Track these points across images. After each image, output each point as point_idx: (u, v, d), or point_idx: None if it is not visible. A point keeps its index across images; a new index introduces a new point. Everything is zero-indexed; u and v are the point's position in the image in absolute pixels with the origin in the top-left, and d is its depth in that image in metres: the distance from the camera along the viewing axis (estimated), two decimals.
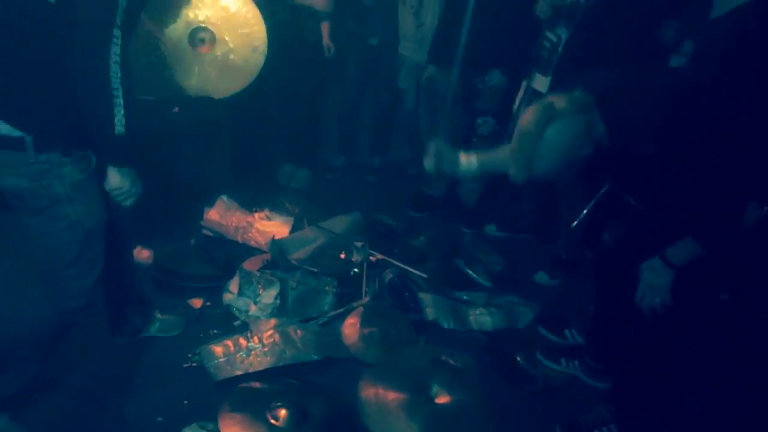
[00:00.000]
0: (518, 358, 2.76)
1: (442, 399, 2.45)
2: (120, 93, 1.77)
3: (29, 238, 1.95)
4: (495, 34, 3.37)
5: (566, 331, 2.95)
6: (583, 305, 2.95)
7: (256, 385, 2.42)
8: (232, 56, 3.10)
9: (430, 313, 2.95)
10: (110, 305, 2.50)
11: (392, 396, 2.42)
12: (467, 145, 3.82)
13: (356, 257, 3.23)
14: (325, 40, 3.82)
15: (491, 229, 3.87)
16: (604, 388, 2.63)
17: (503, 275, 3.37)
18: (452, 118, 3.78)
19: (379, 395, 2.42)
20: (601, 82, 1.95)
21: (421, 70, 3.92)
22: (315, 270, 3.08)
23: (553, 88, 3.10)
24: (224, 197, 3.61)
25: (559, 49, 3.03)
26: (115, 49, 1.73)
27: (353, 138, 4.55)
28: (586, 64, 2.70)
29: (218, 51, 3.06)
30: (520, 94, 3.55)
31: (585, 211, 2.56)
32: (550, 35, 3.10)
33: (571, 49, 2.95)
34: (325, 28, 3.81)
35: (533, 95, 3.32)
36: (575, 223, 2.66)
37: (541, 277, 3.42)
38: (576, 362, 2.70)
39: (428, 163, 2.32)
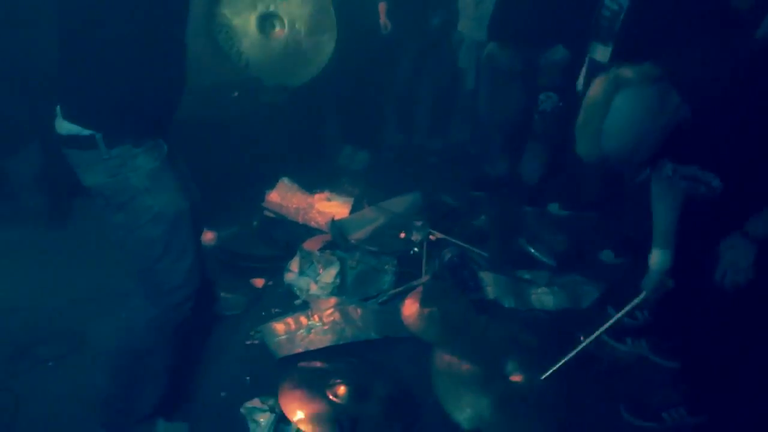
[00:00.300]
0: (582, 338, 2.68)
1: (517, 377, 2.42)
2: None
3: (121, 240, 1.93)
4: (555, 7, 3.27)
5: (637, 312, 2.84)
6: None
7: (317, 363, 2.45)
8: (304, 43, 3.07)
9: (490, 291, 2.91)
10: None
11: (466, 368, 2.40)
12: (529, 123, 3.75)
13: (416, 236, 3.21)
14: (382, 18, 3.79)
15: (554, 208, 3.77)
16: (672, 367, 2.52)
17: (567, 254, 3.27)
18: (514, 95, 3.70)
19: (453, 365, 2.41)
20: (672, 55, 1.83)
21: (481, 49, 3.83)
22: (374, 249, 3.08)
23: (614, 58, 2.99)
24: (285, 179, 3.66)
25: (621, 16, 2.91)
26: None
27: (413, 119, 4.51)
28: (651, 32, 2.60)
29: (290, 38, 3.04)
30: (584, 69, 3.45)
31: None
32: (609, 3, 2.99)
33: (634, 17, 2.81)
34: (382, 7, 3.78)
35: (595, 67, 3.22)
36: None
37: (608, 256, 3.30)
38: (642, 341, 2.60)
39: None
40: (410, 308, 2.77)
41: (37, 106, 3.09)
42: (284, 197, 3.55)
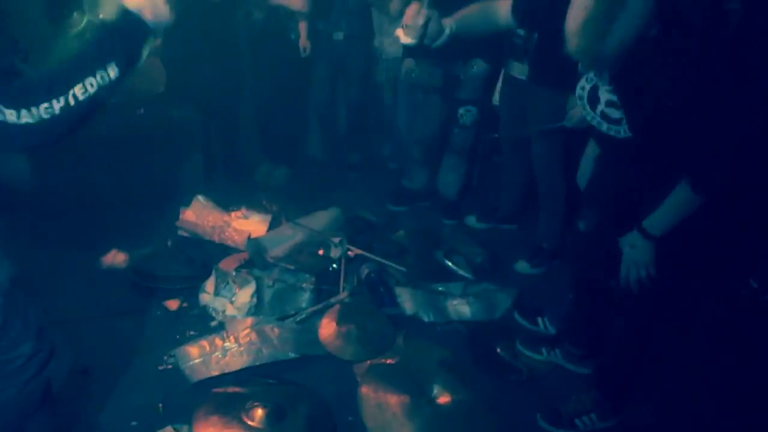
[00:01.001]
0: (498, 350, 2.75)
1: (444, 398, 2.45)
2: None
3: None
4: None
5: (539, 319, 2.93)
6: (559, 293, 2.93)
7: (233, 387, 2.40)
8: None
9: (409, 307, 2.93)
10: None
11: (393, 399, 2.40)
12: (448, 137, 3.81)
13: (334, 253, 3.20)
14: (302, 41, 3.80)
15: (471, 221, 3.85)
16: (584, 373, 2.62)
17: (484, 266, 3.35)
18: (433, 109, 3.76)
19: (380, 397, 2.41)
20: None
21: (398, 64, 3.88)
22: (292, 267, 3.05)
23: (531, 74, 3.12)
24: (200, 197, 3.57)
25: (534, 40, 3.02)
26: None
27: (332, 133, 4.52)
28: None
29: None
30: (500, 83, 3.55)
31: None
32: (519, 31, 3.09)
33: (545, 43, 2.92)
34: (302, 28, 3.79)
35: (512, 83, 3.34)
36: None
37: (522, 267, 3.40)
38: (557, 350, 2.68)
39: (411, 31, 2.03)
40: (327, 326, 2.76)
41: None
42: (200, 215, 3.47)
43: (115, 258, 3.18)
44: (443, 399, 2.44)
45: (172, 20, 1.59)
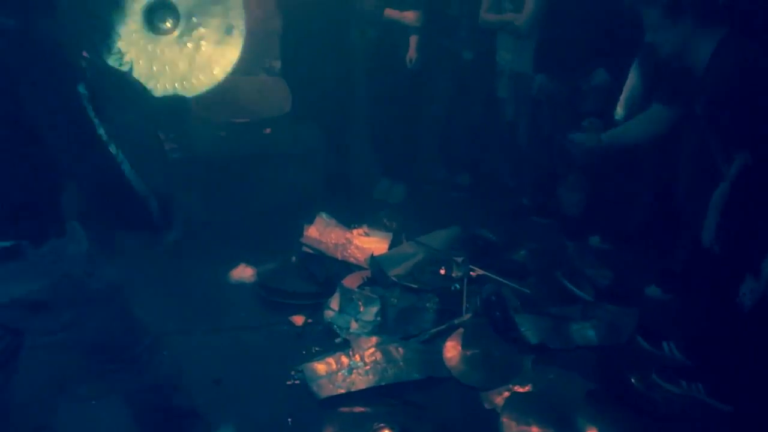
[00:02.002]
0: (633, 380, 2.59)
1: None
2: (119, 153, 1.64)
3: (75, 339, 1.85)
4: (598, 33, 3.28)
5: (664, 343, 2.75)
6: (681, 314, 2.74)
7: (358, 407, 2.42)
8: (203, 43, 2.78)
9: (532, 336, 2.81)
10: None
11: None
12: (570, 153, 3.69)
13: (456, 273, 3.16)
14: (410, 53, 3.79)
15: (595, 241, 3.68)
16: (727, 410, 2.42)
17: (612, 289, 3.19)
18: (558, 124, 3.66)
19: (522, 428, 2.33)
20: None
21: (521, 79, 3.80)
22: (415, 286, 3.05)
23: None
24: (323, 214, 3.65)
25: None
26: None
27: (449, 151, 4.49)
28: None
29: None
30: (623, 96, 3.40)
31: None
32: None
33: None
34: (413, 41, 3.79)
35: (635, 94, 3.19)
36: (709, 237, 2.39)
37: (654, 292, 3.21)
38: (699, 384, 2.49)
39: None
40: (452, 349, 2.72)
41: None
42: (323, 233, 3.54)
43: (243, 272, 3.30)
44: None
45: None
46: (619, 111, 3.48)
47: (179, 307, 2.95)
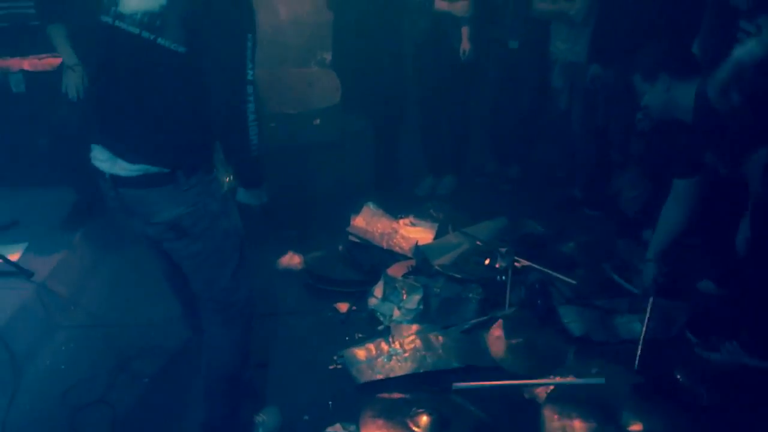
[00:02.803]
0: (678, 376, 2.52)
1: (636, 427, 2.28)
2: (255, 122, 1.84)
3: (196, 267, 2.05)
4: (655, 22, 3.24)
5: (713, 338, 2.66)
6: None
7: (397, 393, 2.44)
8: None
9: (577, 328, 2.77)
10: None
11: (578, 425, 2.28)
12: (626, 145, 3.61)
13: (500, 263, 3.14)
14: (464, 44, 3.77)
15: (648, 235, 3.56)
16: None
17: (663, 284, 3.10)
18: (615, 114, 3.59)
19: (564, 421, 2.29)
20: None
21: (575, 69, 3.74)
22: (458, 276, 3.05)
23: None
24: (370, 204, 3.69)
25: None
26: (250, 89, 1.80)
27: (499, 143, 4.46)
28: None
29: None
30: None
31: None
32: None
33: None
34: (464, 32, 3.78)
35: None
36: None
37: (707, 286, 3.10)
38: (734, 342, 2.42)
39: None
40: (496, 338, 2.72)
41: None
42: (369, 222, 3.58)
43: (291, 260, 3.38)
44: (635, 427, 2.27)
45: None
46: None
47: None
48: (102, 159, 1.88)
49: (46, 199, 3.54)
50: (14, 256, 2.98)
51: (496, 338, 2.72)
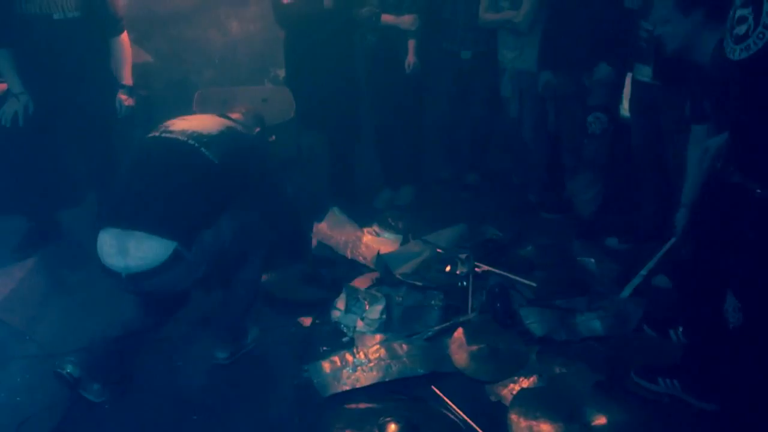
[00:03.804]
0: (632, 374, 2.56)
1: (599, 420, 2.32)
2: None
3: None
4: (598, 29, 3.34)
5: (671, 331, 2.73)
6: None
7: (365, 402, 2.43)
8: None
9: (538, 329, 2.81)
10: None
11: (546, 427, 2.31)
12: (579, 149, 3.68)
13: (461, 270, 3.17)
14: (409, 57, 3.82)
15: (613, 242, 3.62)
16: (710, 409, 2.34)
17: (619, 282, 3.18)
18: (567, 118, 3.69)
19: (531, 424, 2.32)
20: None
21: (524, 76, 3.81)
22: (420, 284, 3.06)
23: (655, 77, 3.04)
24: (335, 209, 3.71)
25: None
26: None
27: (454, 152, 4.52)
28: None
29: None
30: (627, 91, 3.41)
31: None
32: (645, 24, 3.00)
33: None
34: (411, 45, 3.83)
35: (639, 88, 3.25)
36: None
37: (661, 281, 3.17)
38: (675, 381, 2.41)
39: None
40: (458, 344, 2.73)
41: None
42: (333, 228, 3.58)
43: None
44: (599, 421, 2.31)
45: None
46: (626, 106, 3.49)
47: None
48: (112, 254, 2.20)
49: None
50: None
51: (458, 346, 2.74)
